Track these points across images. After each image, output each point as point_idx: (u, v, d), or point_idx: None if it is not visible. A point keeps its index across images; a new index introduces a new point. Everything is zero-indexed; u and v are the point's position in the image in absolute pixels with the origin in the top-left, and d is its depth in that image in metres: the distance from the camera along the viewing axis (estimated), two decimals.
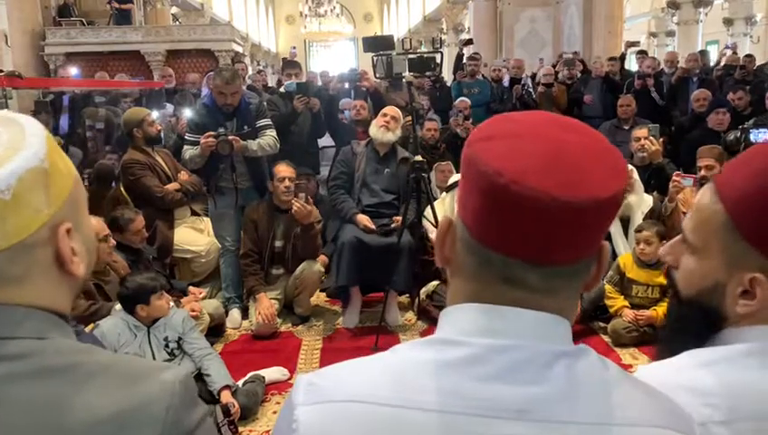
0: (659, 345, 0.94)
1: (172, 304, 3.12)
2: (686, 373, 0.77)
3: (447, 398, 0.61)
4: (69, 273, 0.71)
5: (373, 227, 3.94)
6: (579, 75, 7.78)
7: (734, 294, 0.79)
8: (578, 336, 3.74)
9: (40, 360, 0.66)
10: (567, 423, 0.61)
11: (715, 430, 0.72)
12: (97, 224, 3.10)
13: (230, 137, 3.90)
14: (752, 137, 4.98)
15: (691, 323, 0.85)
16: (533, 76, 8.57)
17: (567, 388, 0.62)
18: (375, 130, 4.16)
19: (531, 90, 7.70)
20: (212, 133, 3.89)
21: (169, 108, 6.51)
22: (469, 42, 9.58)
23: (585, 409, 0.62)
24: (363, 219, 3.97)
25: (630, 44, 10.59)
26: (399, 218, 3.91)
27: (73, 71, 9.28)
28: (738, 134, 5.11)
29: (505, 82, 7.85)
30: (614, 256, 3.99)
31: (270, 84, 9.58)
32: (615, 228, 4.10)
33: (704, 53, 9.62)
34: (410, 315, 4.20)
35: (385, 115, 4.17)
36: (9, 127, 0.69)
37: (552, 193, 0.58)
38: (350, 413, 0.62)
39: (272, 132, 4.17)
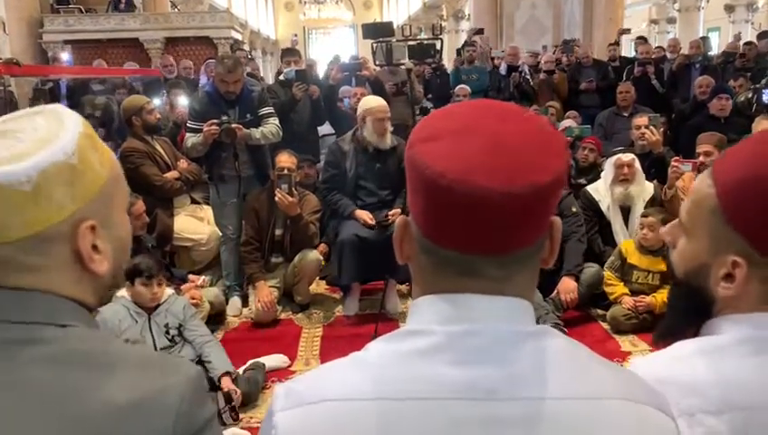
0: (659, 325, 0.96)
1: (172, 291, 3.13)
2: (679, 365, 0.77)
3: (420, 385, 0.62)
4: (89, 271, 0.70)
5: (372, 222, 3.91)
6: (576, 61, 7.76)
7: (717, 277, 0.80)
8: (576, 323, 3.75)
9: (60, 346, 0.66)
10: (537, 399, 0.61)
11: (705, 420, 0.72)
12: None
13: (233, 125, 3.89)
14: (764, 97, 4.77)
15: (683, 303, 0.88)
16: (535, 64, 8.51)
17: (535, 366, 0.62)
18: (370, 134, 3.95)
19: (528, 77, 7.64)
20: (215, 121, 3.87)
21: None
22: (480, 31, 9.42)
23: (555, 385, 0.62)
24: (363, 214, 3.95)
25: (622, 32, 10.56)
26: (394, 212, 3.89)
27: (65, 56, 9.21)
28: (750, 95, 4.90)
29: (502, 69, 7.78)
30: (614, 245, 3.99)
31: (262, 75, 9.40)
32: (615, 218, 4.10)
33: (705, 40, 9.55)
34: (410, 303, 4.20)
35: (381, 120, 3.90)
36: (50, 121, 0.70)
37: (495, 188, 0.58)
38: (326, 412, 0.63)
39: (274, 120, 4.15)
